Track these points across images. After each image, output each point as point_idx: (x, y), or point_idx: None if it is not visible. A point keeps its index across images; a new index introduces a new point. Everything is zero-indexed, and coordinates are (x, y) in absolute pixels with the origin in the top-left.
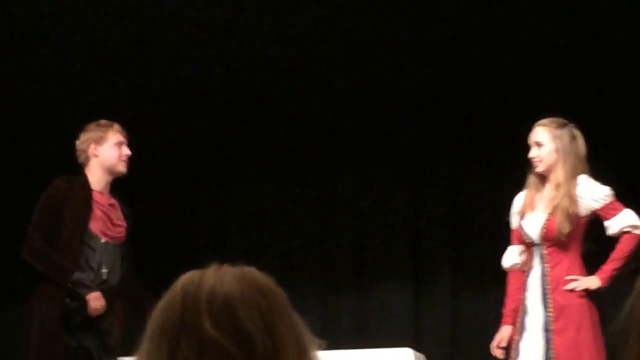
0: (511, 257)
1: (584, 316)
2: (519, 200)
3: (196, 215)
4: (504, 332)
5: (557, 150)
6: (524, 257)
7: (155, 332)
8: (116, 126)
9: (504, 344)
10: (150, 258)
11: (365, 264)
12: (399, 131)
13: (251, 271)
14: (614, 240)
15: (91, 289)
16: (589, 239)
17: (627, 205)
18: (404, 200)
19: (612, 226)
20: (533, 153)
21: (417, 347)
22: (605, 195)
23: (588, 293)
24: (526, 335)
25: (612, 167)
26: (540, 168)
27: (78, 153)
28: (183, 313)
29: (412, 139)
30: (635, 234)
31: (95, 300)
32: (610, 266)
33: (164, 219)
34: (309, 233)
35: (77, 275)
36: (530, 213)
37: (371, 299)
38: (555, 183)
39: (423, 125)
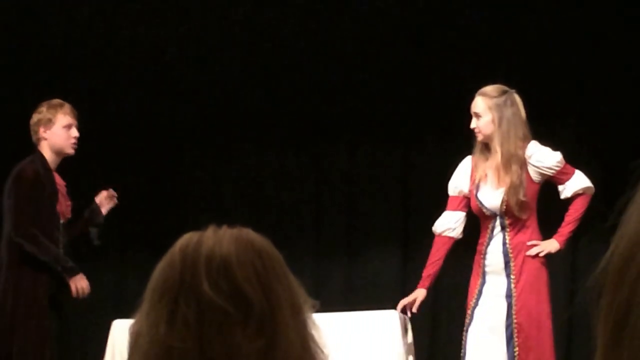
0: (446, 222)
1: (542, 281)
2: (466, 168)
3: (194, 181)
4: (417, 294)
5: (493, 121)
6: (458, 224)
7: (155, 293)
8: (66, 107)
9: (415, 309)
10: (150, 223)
11: (356, 230)
12: (391, 99)
13: (248, 233)
14: (564, 198)
15: (74, 270)
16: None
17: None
18: (394, 167)
19: (566, 190)
20: (473, 124)
21: (403, 310)
22: (558, 161)
23: (545, 257)
24: (483, 302)
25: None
26: (480, 138)
27: (31, 132)
28: (182, 274)
29: (403, 107)
30: (587, 195)
31: (81, 281)
32: (567, 229)
33: (162, 186)
34: (302, 199)
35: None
36: (484, 185)
37: (361, 264)
38: (501, 155)
39: (414, 94)
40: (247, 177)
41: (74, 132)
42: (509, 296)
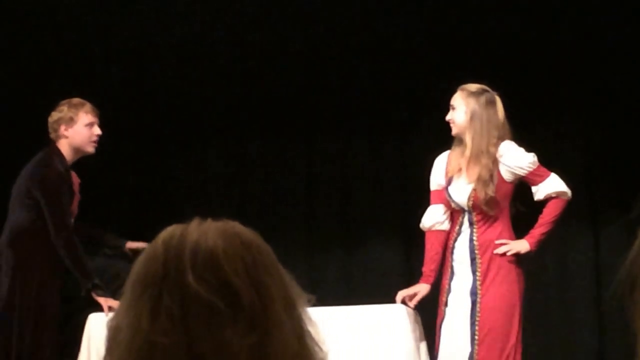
0: (432, 216)
1: (511, 280)
2: (441, 163)
3: (180, 172)
4: (419, 288)
5: (466, 113)
6: (446, 216)
7: (136, 286)
8: (87, 106)
9: (415, 302)
10: (131, 214)
11: (353, 221)
12: (385, 87)
13: (235, 225)
14: (541, 201)
15: (100, 289)
16: (516, 201)
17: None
18: (391, 156)
19: (539, 192)
20: (448, 116)
21: (405, 304)
22: (530, 162)
23: (516, 257)
24: (452, 299)
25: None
26: (453, 130)
27: (49, 129)
28: (165, 267)
29: (400, 95)
30: (561, 199)
31: (113, 302)
32: (538, 230)
33: (147, 178)
34: (296, 189)
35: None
36: (457, 178)
37: (359, 256)
38: (470, 149)
39: (410, 81)
40: (236, 170)
41: (96, 130)
42: (473, 294)
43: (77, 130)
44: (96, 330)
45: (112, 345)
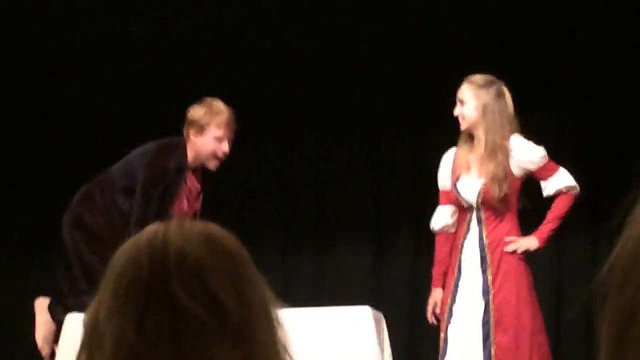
0: (442, 218)
1: (521, 277)
2: (448, 160)
3: None
4: (437, 295)
5: (477, 108)
6: (454, 219)
7: (120, 289)
8: (223, 117)
9: (438, 310)
10: None
11: (325, 223)
12: (360, 89)
13: (215, 229)
14: (546, 196)
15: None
16: (522, 197)
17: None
18: (365, 159)
19: (549, 187)
20: (456, 111)
21: (376, 307)
22: (541, 157)
23: (524, 254)
24: (460, 299)
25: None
26: (463, 126)
27: (185, 122)
28: (151, 275)
29: (373, 97)
30: (571, 194)
31: None
32: (547, 227)
33: None
34: (269, 191)
35: None
36: (465, 175)
37: (331, 258)
38: (484, 145)
39: (384, 83)
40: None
41: (224, 147)
42: (485, 293)
43: (205, 140)
44: (74, 330)
45: (92, 350)
